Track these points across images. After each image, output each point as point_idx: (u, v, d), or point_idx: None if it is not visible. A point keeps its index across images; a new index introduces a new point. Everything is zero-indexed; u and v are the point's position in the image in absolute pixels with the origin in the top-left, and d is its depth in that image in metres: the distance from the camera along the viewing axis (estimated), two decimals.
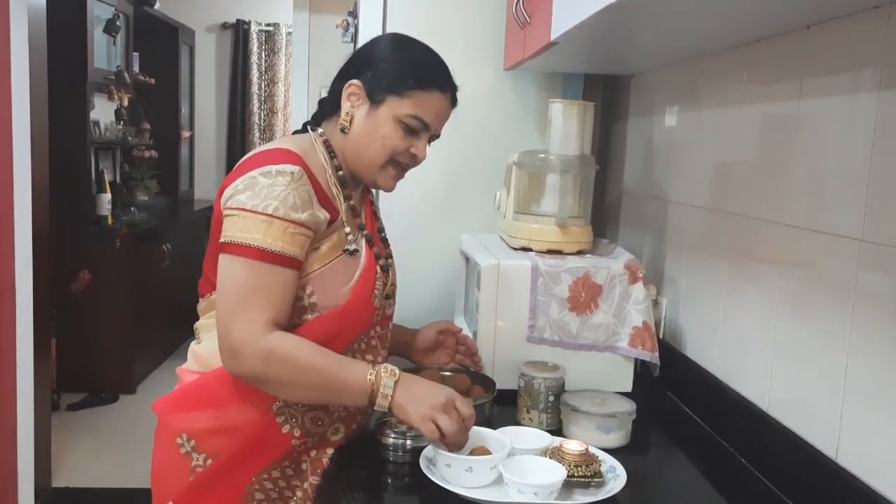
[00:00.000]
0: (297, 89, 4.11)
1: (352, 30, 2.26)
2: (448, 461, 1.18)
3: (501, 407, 1.50)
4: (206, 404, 1.26)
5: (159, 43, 5.31)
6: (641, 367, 1.68)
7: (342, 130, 1.29)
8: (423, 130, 1.30)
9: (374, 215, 1.44)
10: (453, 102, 1.34)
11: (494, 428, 1.32)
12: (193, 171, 5.98)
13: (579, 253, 1.72)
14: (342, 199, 1.29)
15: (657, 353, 1.62)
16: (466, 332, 1.83)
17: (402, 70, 1.28)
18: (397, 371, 1.20)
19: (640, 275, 1.63)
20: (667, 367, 1.65)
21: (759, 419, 1.34)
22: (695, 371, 1.61)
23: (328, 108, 1.35)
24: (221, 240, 1.19)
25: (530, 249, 1.72)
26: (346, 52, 3.61)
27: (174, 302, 5.14)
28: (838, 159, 1.17)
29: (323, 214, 1.23)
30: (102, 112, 4.56)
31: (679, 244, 1.76)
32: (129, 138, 4.80)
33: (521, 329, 1.62)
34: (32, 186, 2.97)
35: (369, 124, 1.28)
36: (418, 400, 1.17)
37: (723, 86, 1.58)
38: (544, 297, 1.61)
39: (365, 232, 1.33)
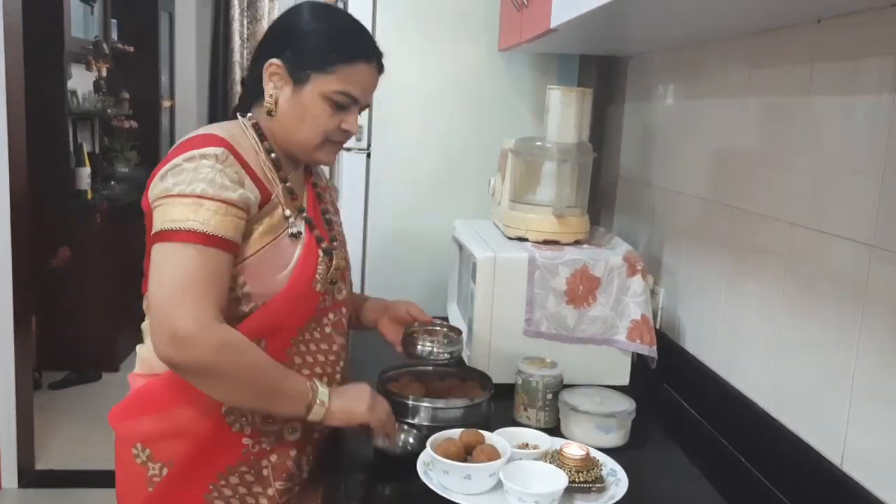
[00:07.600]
0: None
1: (341, 3, 2.18)
2: (446, 468, 1.15)
3: (497, 402, 1.47)
4: (151, 408, 1.23)
5: (138, 9, 5.14)
6: (637, 358, 1.66)
7: (269, 113, 1.24)
8: (352, 105, 1.25)
9: (318, 197, 1.37)
10: (380, 70, 1.28)
11: (492, 427, 1.30)
12: (174, 142, 5.82)
13: (576, 243, 1.68)
14: (277, 181, 1.25)
15: (655, 347, 1.60)
16: (460, 320, 1.80)
17: (324, 44, 1.22)
18: (326, 388, 1.21)
19: (639, 267, 1.60)
20: (663, 358, 1.62)
21: (760, 420, 1.32)
22: (693, 364, 1.59)
23: (251, 90, 1.28)
24: (153, 231, 1.14)
25: (526, 239, 1.68)
26: None
27: None
28: (849, 158, 1.13)
29: (254, 194, 1.18)
30: (80, 81, 4.43)
31: (678, 234, 1.73)
32: (108, 109, 4.67)
33: (518, 322, 1.59)
34: (9, 160, 2.90)
35: (296, 105, 1.23)
36: (355, 398, 1.23)
37: (727, 73, 1.53)
38: (541, 290, 1.57)
39: (305, 215, 1.28)
